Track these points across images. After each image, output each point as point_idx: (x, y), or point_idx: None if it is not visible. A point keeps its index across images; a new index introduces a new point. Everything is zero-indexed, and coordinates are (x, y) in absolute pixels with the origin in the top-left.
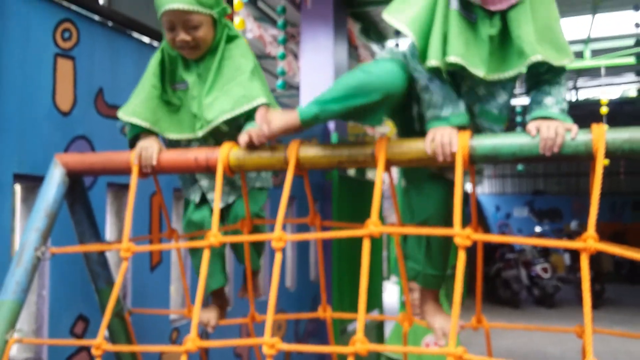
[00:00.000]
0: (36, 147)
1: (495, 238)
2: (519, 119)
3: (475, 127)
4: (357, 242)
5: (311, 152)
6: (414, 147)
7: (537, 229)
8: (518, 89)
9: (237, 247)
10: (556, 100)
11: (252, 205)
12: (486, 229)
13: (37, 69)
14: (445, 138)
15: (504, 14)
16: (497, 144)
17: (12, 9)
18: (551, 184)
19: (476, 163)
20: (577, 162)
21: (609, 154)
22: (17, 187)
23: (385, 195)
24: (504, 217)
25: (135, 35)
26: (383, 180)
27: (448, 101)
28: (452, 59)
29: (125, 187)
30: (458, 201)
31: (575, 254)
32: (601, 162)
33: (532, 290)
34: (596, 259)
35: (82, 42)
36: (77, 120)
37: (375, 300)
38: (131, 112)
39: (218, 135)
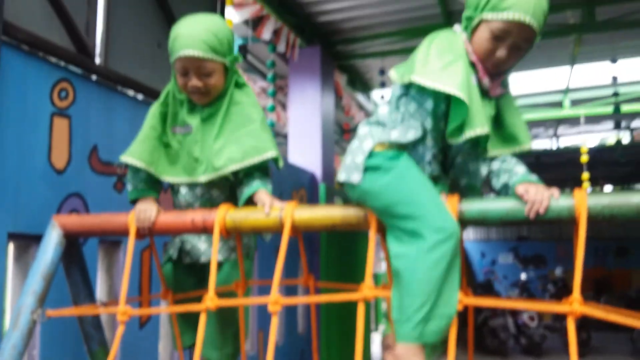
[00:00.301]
0: (31, 205)
1: (486, 302)
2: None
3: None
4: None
5: (306, 214)
6: None
7: (523, 275)
8: None
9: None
10: (526, 169)
11: (235, 271)
12: (472, 276)
13: (34, 128)
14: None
15: (497, 100)
16: (485, 208)
17: (10, 68)
18: (535, 230)
19: (465, 225)
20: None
21: (590, 217)
22: (11, 246)
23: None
24: (489, 264)
25: (130, 92)
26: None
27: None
28: (482, 130)
29: (116, 244)
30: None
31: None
32: (584, 226)
33: (520, 339)
34: None
35: (78, 100)
36: (72, 178)
37: (363, 353)
38: (128, 153)
39: (217, 180)
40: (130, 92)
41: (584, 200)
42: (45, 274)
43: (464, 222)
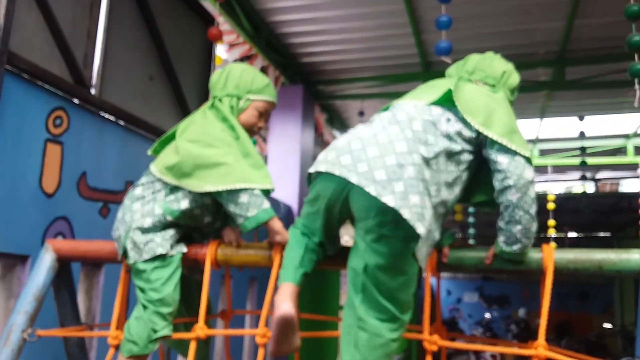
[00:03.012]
0: (20, 226)
1: (461, 345)
2: None
3: None
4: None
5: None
6: None
7: (487, 315)
8: None
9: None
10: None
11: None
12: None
13: (28, 152)
14: None
15: None
16: (462, 256)
17: (11, 95)
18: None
19: (442, 271)
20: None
21: (556, 270)
22: None
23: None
24: (455, 302)
25: (122, 123)
26: None
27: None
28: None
29: (97, 267)
30: (427, 308)
31: (522, 342)
32: (550, 278)
33: None
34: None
35: (71, 128)
36: (60, 202)
37: None
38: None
39: None
40: (122, 123)
41: (551, 255)
42: (37, 295)
43: (441, 268)
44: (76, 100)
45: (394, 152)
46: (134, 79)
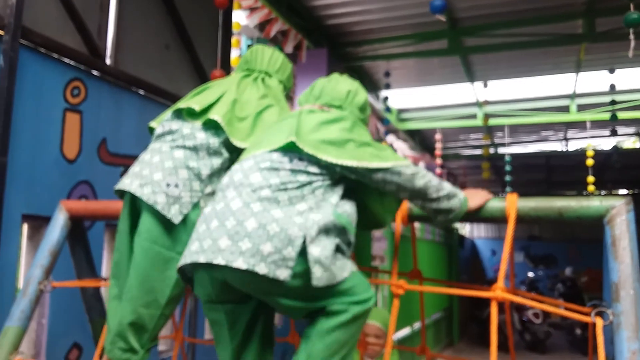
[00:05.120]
0: (43, 190)
1: (523, 300)
2: None
3: None
4: None
5: None
6: None
7: (530, 274)
8: None
9: None
10: None
11: None
12: (482, 273)
13: (48, 122)
14: None
15: None
16: None
17: (28, 69)
18: (546, 230)
19: (413, 221)
20: None
21: (518, 218)
22: (24, 226)
23: (376, 237)
24: (499, 262)
25: (138, 90)
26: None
27: None
28: None
29: None
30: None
31: (569, 300)
32: (512, 224)
33: (524, 335)
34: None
35: (89, 97)
36: (82, 167)
37: None
38: None
39: None
40: (139, 90)
41: (514, 203)
42: (52, 250)
43: (412, 218)
44: (92, 71)
45: (232, 214)
46: (149, 48)
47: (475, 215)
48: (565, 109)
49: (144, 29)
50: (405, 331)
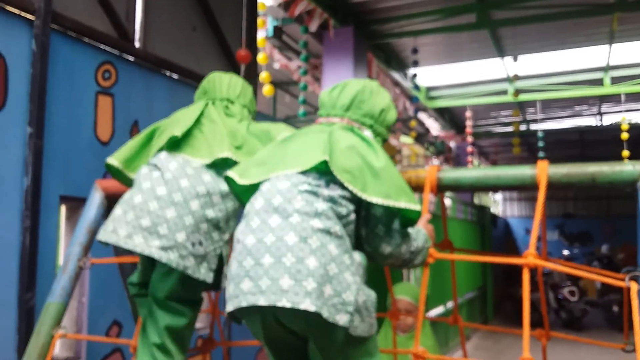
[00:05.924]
0: (79, 172)
1: (554, 266)
2: None
3: None
4: None
5: None
6: None
7: (565, 252)
8: None
9: None
10: None
11: None
12: (516, 252)
13: (81, 105)
14: None
15: None
16: (458, 176)
17: (59, 53)
18: (581, 207)
19: (442, 191)
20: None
21: (550, 184)
22: (62, 207)
23: None
24: None
25: (167, 73)
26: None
27: None
28: None
29: None
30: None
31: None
32: (543, 191)
33: (560, 314)
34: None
35: (120, 80)
36: (115, 149)
37: None
38: None
39: None
40: (168, 73)
41: (545, 170)
42: (90, 228)
43: (442, 188)
44: (122, 54)
45: (288, 249)
46: (176, 30)
47: (504, 184)
48: (599, 82)
49: (171, 12)
50: (438, 309)
